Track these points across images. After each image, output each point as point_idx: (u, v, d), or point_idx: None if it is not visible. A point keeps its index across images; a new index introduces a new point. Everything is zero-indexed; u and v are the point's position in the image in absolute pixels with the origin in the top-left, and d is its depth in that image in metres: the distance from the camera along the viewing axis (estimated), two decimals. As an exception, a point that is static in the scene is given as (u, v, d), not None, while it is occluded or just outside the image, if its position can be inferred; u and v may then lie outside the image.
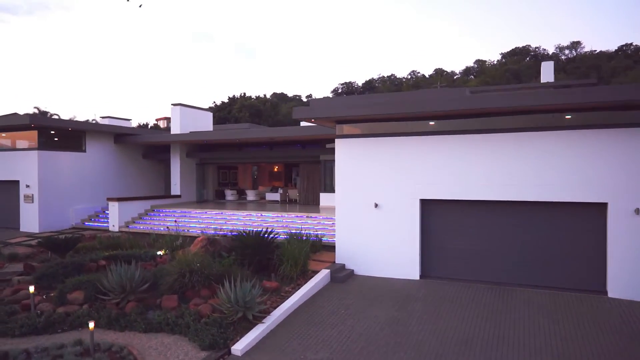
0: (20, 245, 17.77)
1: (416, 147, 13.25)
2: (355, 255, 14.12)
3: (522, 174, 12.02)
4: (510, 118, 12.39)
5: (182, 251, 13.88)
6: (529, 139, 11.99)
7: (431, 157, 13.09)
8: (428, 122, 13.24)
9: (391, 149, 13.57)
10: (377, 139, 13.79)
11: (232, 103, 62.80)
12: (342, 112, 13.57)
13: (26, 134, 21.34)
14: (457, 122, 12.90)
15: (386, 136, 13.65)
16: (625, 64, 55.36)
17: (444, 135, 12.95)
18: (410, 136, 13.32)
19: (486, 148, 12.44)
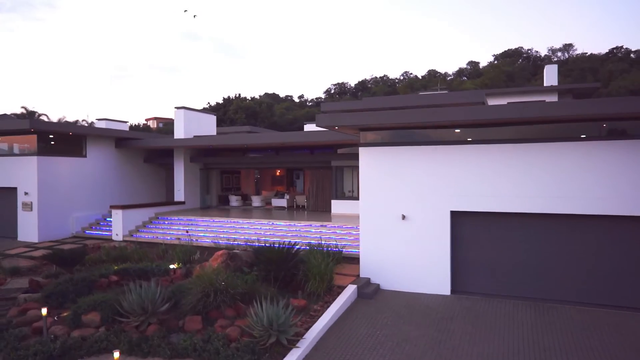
0: (20, 257, 16.83)
1: (447, 157, 12.69)
2: (381, 269, 13.52)
3: (563, 186, 11.51)
4: (549, 127, 11.88)
5: (199, 266, 13.14)
6: (570, 149, 11.47)
7: (463, 167, 12.54)
8: (460, 130, 12.68)
9: (420, 158, 12.99)
10: (404, 148, 13.20)
11: (227, 104, 61.80)
12: (368, 120, 12.95)
13: (24, 138, 20.34)
14: (490, 130, 12.36)
15: (414, 145, 13.07)
16: (621, 67, 55.56)
17: (476, 145, 12.40)
18: (440, 145, 12.75)
19: (523, 158, 11.91)
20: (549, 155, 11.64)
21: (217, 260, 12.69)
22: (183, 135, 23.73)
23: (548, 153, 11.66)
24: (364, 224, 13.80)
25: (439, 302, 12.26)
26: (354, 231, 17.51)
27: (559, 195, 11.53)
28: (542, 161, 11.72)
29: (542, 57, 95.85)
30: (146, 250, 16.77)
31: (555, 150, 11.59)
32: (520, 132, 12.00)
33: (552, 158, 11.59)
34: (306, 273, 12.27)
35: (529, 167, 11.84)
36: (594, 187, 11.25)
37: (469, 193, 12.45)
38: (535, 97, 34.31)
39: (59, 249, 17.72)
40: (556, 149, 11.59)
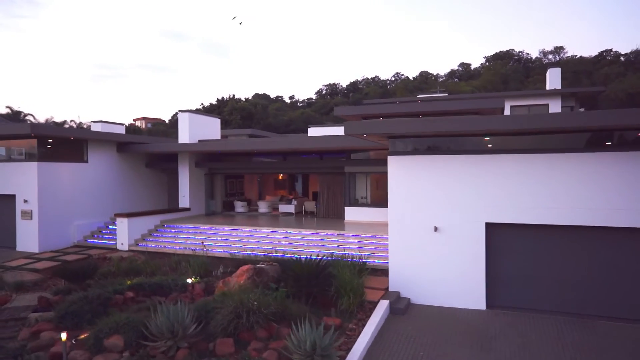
0: (23, 270, 15.88)
1: (483, 166, 12.18)
2: (411, 283, 12.95)
3: (610, 198, 11.06)
4: (591, 135, 11.44)
5: (222, 282, 12.43)
6: (618, 159, 11.02)
7: (498, 178, 12.04)
8: (496, 138, 12.18)
9: (454, 168, 12.46)
10: (436, 157, 12.66)
11: (222, 105, 60.78)
12: (400, 129, 12.38)
13: (22, 143, 19.34)
14: (529, 139, 11.88)
15: (448, 154, 12.54)
16: (617, 70, 55.99)
17: (514, 155, 11.91)
18: (476, 154, 12.23)
19: (564, 168, 11.45)
20: (593, 165, 11.20)
21: (243, 277, 11.98)
22: (188, 139, 22.91)
23: (592, 163, 11.22)
24: (393, 236, 13.23)
25: (476, 318, 11.74)
26: (375, 240, 16.95)
27: (604, 208, 11.09)
28: (585, 172, 11.27)
29: (533, 60, 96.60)
30: (157, 262, 15.98)
31: (600, 161, 11.15)
32: (564, 142, 11.53)
33: (598, 168, 11.14)
34: (338, 289, 11.64)
35: (571, 178, 11.38)
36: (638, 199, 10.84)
37: (506, 204, 11.96)
38: (538, 100, 34.16)
39: (65, 260, 16.85)
40: (601, 159, 11.15)
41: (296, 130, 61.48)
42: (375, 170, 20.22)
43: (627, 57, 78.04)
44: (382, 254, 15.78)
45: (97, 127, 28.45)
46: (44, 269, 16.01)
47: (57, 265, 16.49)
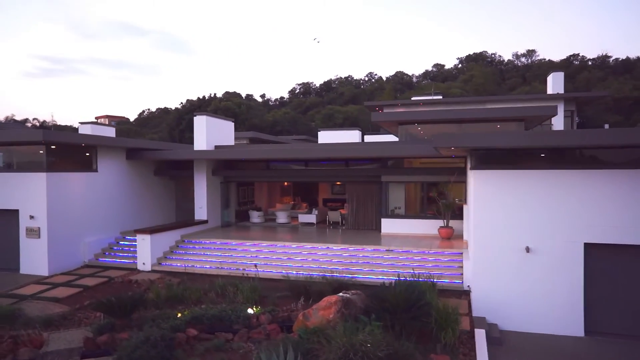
0: (41, 300, 13.79)
1: (580, 183, 11.34)
2: (498, 307, 11.99)
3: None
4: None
5: (302, 315, 10.97)
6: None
7: (599, 195, 11.24)
8: (597, 151, 11.39)
9: (547, 184, 11.57)
10: (527, 172, 11.73)
11: (203, 104, 58.16)
12: (491, 142, 11.38)
13: (24, 150, 17.03)
14: (634, 152, 11.14)
15: (541, 169, 11.63)
16: (598, 75, 57.70)
17: (616, 170, 11.14)
18: (572, 170, 11.38)
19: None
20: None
21: (331, 309, 10.59)
22: (205, 145, 21.09)
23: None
24: (477, 256, 12.22)
25: (578, 346, 10.90)
26: (429, 256, 15.89)
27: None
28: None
29: (505, 62, 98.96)
30: (197, 286, 14.23)
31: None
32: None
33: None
34: (437, 320, 10.50)
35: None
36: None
37: (607, 223, 11.18)
38: (541, 103, 34.24)
39: (85, 286, 14.82)
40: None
41: (282, 131, 59.79)
42: (414, 180, 19.20)
43: (595, 62, 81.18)
44: (443, 272, 14.76)
45: (86, 129, 26.05)
46: (66, 298, 13.99)
47: (79, 293, 14.51)
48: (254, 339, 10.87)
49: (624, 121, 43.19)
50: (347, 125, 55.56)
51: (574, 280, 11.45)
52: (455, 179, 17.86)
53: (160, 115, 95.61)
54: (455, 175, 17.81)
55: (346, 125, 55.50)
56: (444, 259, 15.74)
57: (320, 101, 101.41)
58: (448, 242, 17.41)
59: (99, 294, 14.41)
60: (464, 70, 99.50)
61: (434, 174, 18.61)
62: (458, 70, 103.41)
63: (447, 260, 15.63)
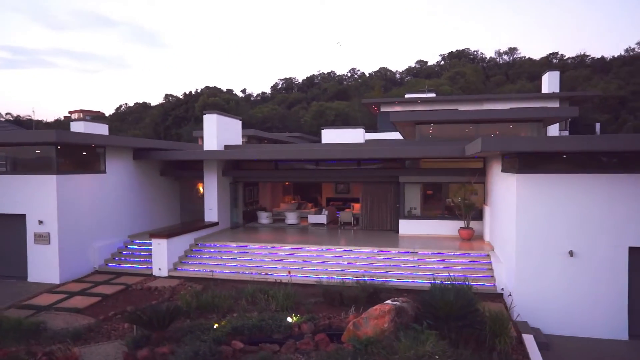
0: (60, 311, 13.02)
1: (626, 187, 11.34)
2: (540, 311, 11.92)
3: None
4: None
5: (352, 324, 10.62)
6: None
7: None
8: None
9: (592, 188, 11.53)
10: (571, 176, 11.67)
11: (190, 100, 56.80)
12: (540, 146, 11.24)
13: (31, 151, 16.08)
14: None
15: (585, 172, 11.58)
16: (584, 73, 58.94)
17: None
18: (619, 173, 11.36)
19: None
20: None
21: (385, 318, 10.28)
22: (216, 145, 20.43)
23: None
24: (519, 260, 12.12)
25: (623, 350, 10.94)
26: (455, 258, 15.77)
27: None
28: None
29: (487, 59, 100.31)
30: (226, 294, 13.66)
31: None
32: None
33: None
34: (492, 327, 10.33)
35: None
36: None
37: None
38: (537, 103, 34.73)
39: (104, 294, 14.10)
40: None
41: (271, 128, 59.00)
42: (432, 181, 19.05)
43: (574, 60, 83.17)
44: (472, 274, 14.63)
45: (78, 126, 25.08)
46: (88, 308, 13.26)
47: (99, 302, 13.79)
48: (302, 350, 10.48)
49: (612, 120, 44.24)
50: (338, 122, 55.23)
51: (619, 283, 11.47)
52: (476, 180, 17.80)
53: (140, 111, 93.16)
54: (476, 176, 17.74)
55: (338, 122, 55.17)
56: (470, 260, 15.64)
57: (304, 97, 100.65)
58: (469, 243, 17.34)
59: (121, 303, 13.77)
60: (447, 67, 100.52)
61: (452, 175, 18.49)
62: (441, 67, 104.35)
63: (473, 262, 15.54)
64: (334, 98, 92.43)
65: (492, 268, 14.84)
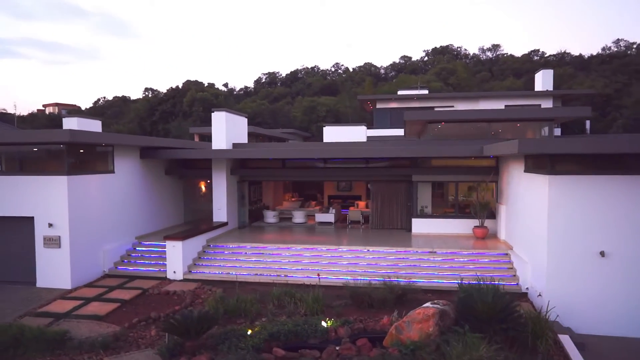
0: (81, 319, 12.50)
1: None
2: (572, 311, 12.03)
3: None
4: None
5: (394, 328, 10.50)
6: None
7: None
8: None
9: (623, 190, 11.65)
10: (603, 178, 11.77)
11: (177, 94, 55.54)
12: (579, 148, 11.29)
13: (38, 150, 15.38)
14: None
15: (616, 174, 11.69)
16: (569, 71, 60.09)
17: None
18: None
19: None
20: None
21: (429, 322, 10.18)
22: (225, 144, 19.97)
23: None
24: (550, 261, 12.19)
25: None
26: (476, 258, 15.82)
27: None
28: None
29: (471, 56, 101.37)
30: (249, 297, 13.34)
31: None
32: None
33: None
34: (534, 328, 10.36)
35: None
36: None
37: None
38: (531, 100, 35.22)
39: (123, 300, 13.63)
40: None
41: (261, 123, 58.23)
42: (446, 180, 19.07)
43: (557, 57, 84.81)
44: (493, 273, 14.66)
45: (71, 122, 24.13)
46: (108, 315, 12.77)
47: (119, 308, 13.30)
48: (344, 356, 10.29)
49: (600, 117, 45.28)
50: (330, 118, 54.97)
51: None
52: (491, 179, 17.89)
53: (119, 104, 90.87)
54: (491, 175, 17.83)
55: (329, 118, 54.90)
56: (489, 259, 15.72)
57: (288, 91, 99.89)
58: (484, 241, 17.43)
59: (141, 309, 13.33)
60: (432, 63, 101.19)
61: (465, 174, 18.55)
62: (425, 63, 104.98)
63: (493, 261, 15.62)
64: (320, 93, 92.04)
65: (514, 267, 14.96)
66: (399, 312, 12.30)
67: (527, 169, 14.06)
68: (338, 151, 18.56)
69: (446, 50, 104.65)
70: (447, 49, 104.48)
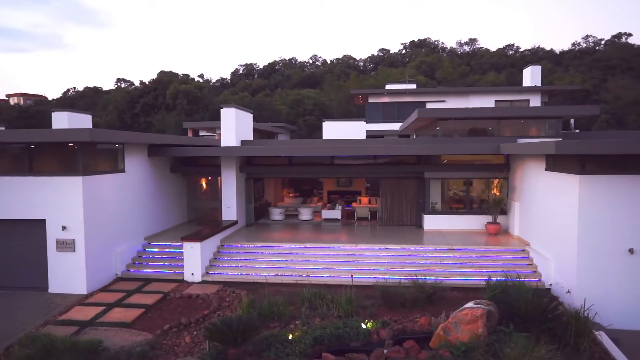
0: (107, 326, 12.01)
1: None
2: (601, 306, 12.34)
3: None
4: None
5: (441, 330, 10.52)
6: None
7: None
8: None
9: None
10: (631, 178, 12.10)
11: (159, 87, 53.87)
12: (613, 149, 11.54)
13: (49, 149, 14.62)
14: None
15: None
16: (547, 67, 61.58)
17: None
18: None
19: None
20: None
21: (478, 323, 10.24)
22: (235, 141, 19.51)
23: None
24: (581, 258, 12.48)
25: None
26: (494, 254, 16.05)
27: None
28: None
29: (448, 49, 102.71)
30: (281, 300, 13.09)
31: None
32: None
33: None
34: (576, 325, 10.58)
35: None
36: None
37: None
38: (520, 96, 35.93)
39: (146, 305, 13.16)
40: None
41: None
42: (458, 176, 19.25)
43: (532, 51, 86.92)
44: (514, 270, 14.92)
45: (62, 117, 23.16)
46: (136, 322, 12.32)
47: (144, 314, 12.85)
48: (392, 358, 10.28)
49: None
50: (317, 111, 54.67)
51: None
52: (504, 175, 18.16)
53: (91, 95, 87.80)
54: (504, 172, 18.10)
55: (316, 111, 54.59)
56: (509, 256, 15.99)
57: (267, 83, 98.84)
58: (497, 238, 17.73)
59: (167, 314, 12.93)
60: (411, 56, 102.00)
61: (476, 170, 18.77)
62: (402, 56, 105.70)
63: (513, 257, 15.90)
64: (299, 85, 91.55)
65: (534, 263, 15.26)
66: (430, 312, 12.44)
67: (549, 168, 14.31)
68: (354, 149, 18.41)
69: (424, 44, 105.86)
70: (425, 42, 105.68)
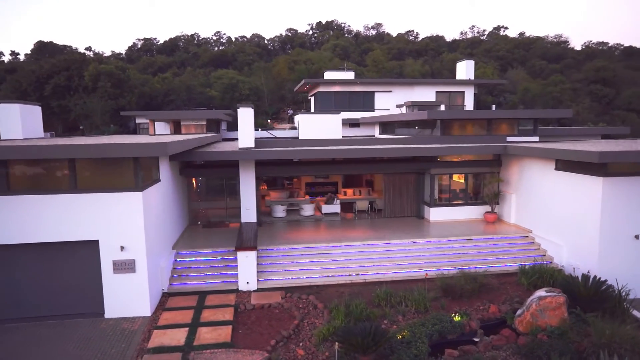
0: (211, 348, 11.74)
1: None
2: (614, 281, 15.33)
3: None
4: None
5: (529, 315, 12.32)
6: None
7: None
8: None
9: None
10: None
11: (73, 66, 47.32)
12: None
13: (100, 163, 13.20)
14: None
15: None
16: (450, 56, 67.50)
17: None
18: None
19: None
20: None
21: (561, 309, 12.28)
22: (253, 142, 19.14)
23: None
24: (602, 245, 15.15)
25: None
26: (504, 242, 18.45)
27: None
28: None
29: (355, 33, 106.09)
30: (358, 301, 13.87)
31: None
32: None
33: None
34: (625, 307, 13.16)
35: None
36: None
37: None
38: (456, 87, 39.61)
39: (229, 322, 13.04)
40: None
41: (175, 101, 53.52)
42: (460, 172, 21.35)
43: (428, 41, 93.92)
44: (531, 254, 17.52)
45: (14, 109, 20.91)
46: (237, 341, 12.21)
47: (235, 330, 12.73)
48: (497, 346, 11.91)
49: (497, 104, 52.86)
50: (253, 97, 53.48)
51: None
52: (496, 170, 20.74)
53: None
54: (497, 167, 20.68)
55: (252, 97, 53.39)
56: (517, 242, 18.57)
57: (172, 61, 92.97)
58: (493, 225, 20.33)
59: (257, 328, 13.07)
60: (320, 38, 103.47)
61: (476, 166, 21.09)
62: (309, 37, 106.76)
63: (521, 243, 18.50)
64: (210, 65, 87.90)
65: (541, 248, 17.98)
66: (487, 299, 14.40)
67: (560, 168, 16.94)
68: (371, 151, 19.34)
69: (331, 26, 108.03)
70: (331, 25, 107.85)
